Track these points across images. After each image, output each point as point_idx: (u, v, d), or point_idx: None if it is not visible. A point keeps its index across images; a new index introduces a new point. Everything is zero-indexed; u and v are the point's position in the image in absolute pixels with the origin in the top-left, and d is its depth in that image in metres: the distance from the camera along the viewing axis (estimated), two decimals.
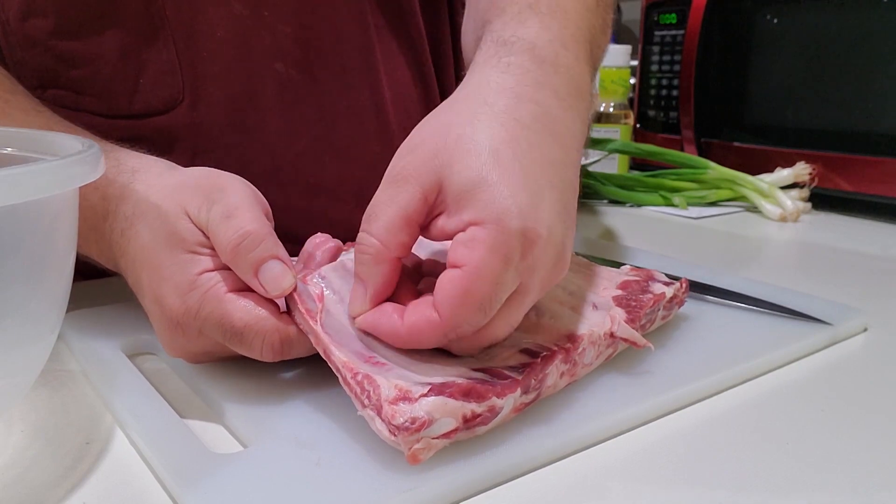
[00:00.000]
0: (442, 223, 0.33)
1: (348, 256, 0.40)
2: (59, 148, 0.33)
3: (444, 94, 0.65)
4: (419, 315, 0.32)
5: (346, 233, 0.38)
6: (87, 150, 0.29)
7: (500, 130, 0.34)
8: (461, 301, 0.31)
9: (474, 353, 0.34)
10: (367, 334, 0.35)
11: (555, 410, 0.35)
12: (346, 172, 0.59)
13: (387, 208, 0.33)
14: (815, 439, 0.34)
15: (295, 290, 0.35)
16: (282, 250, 0.35)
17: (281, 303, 0.36)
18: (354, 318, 0.35)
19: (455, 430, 0.30)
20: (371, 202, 0.34)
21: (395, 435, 0.29)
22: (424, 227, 0.34)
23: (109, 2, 0.51)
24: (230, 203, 0.36)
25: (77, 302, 0.37)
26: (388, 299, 0.35)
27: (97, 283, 0.53)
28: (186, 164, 0.40)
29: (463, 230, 0.32)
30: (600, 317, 0.39)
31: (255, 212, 0.36)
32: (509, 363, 0.34)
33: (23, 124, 0.43)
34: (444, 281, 0.31)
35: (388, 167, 0.35)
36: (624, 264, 0.49)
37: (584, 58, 0.41)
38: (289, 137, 0.57)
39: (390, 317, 0.33)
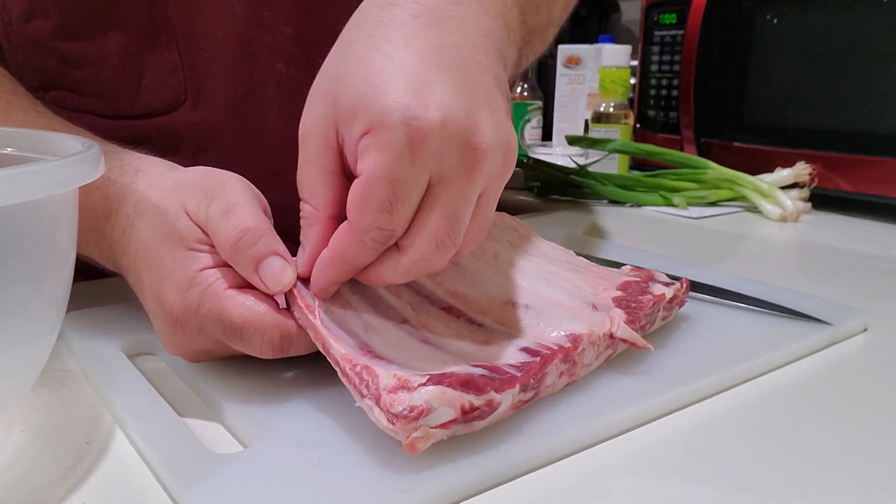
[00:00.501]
0: (349, 153, 0.33)
1: None
2: (59, 148, 0.33)
3: None
4: (339, 230, 0.33)
5: None
6: (87, 150, 0.29)
7: (371, 41, 0.33)
8: (361, 204, 0.31)
9: (427, 265, 0.33)
10: (367, 331, 0.35)
11: (554, 410, 0.35)
12: None
13: (303, 171, 0.35)
14: (815, 439, 0.34)
15: (294, 285, 0.35)
16: (281, 246, 0.36)
17: (280, 300, 0.36)
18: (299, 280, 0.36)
19: (453, 421, 0.30)
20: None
21: (392, 423, 0.29)
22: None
23: (112, 3, 0.52)
24: (229, 200, 0.36)
25: (77, 302, 0.37)
26: None
27: (97, 283, 0.53)
28: (188, 164, 0.40)
29: (358, 151, 0.32)
30: (600, 317, 0.39)
31: (253, 208, 0.36)
32: (509, 361, 0.34)
33: (23, 125, 0.43)
34: (351, 189, 0.32)
35: (299, 130, 0.36)
36: (624, 265, 0.49)
37: None
38: (290, 137, 0.57)
39: (313, 258, 0.34)
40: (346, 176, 0.34)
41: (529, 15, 0.44)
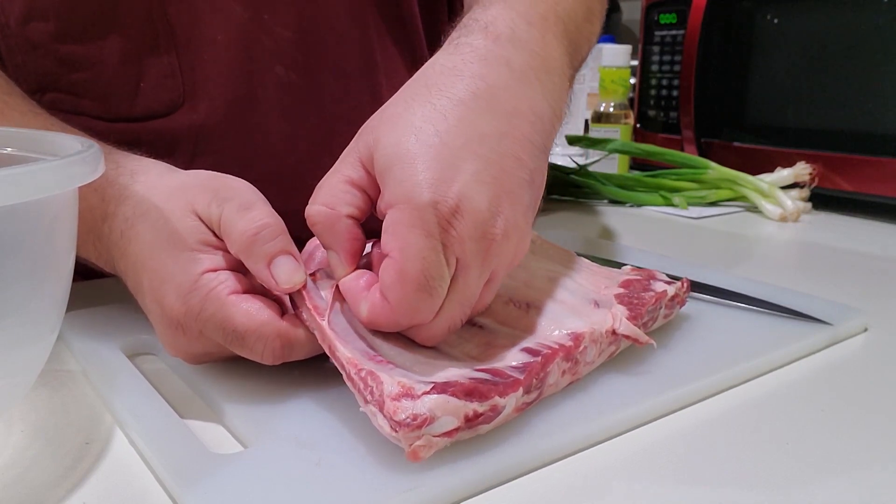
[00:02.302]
0: (377, 205, 0.35)
1: None
2: (59, 148, 0.33)
3: None
4: (375, 301, 0.33)
5: None
6: (86, 150, 0.29)
7: (429, 109, 0.35)
8: (400, 285, 0.32)
9: (440, 339, 0.35)
10: (373, 333, 0.35)
11: (555, 410, 0.35)
12: None
13: (329, 179, 0.36)
14: (815, 439, 0.34)
15: (304, 287, 0.35)
16: (294, 248, 0.36)
17: (285, 302, 0.37)
18: (339, 285, 0.36)
19: (456, 430, 0.30)
20: None
21: (396, 431, 0.29)
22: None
23: (111, 6, 0.51)
24: (246, 198, 0.36)
25: (77, 302, 0.37)
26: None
27: (97, 283, 0.53)
28: (186, 167, 0.40)
29: (385, 214, 0.33)
30: (602, 315, 0.39)
31: (270, 208, 0.36)
32: (510, 363, 0.34)
33: (20, 125, 0.43)
34: (382, 270, 0.33)
35: None
36: (625, 264, 0.49)
37: (556, 35, 0.41)
38: (289, 140, 0.57)
39: (360, 294, 0.34)
40: (366, 193, 0.36)
41: (576, 63, 0.45)
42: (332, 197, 0.35)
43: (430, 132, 0.34)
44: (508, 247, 0.34)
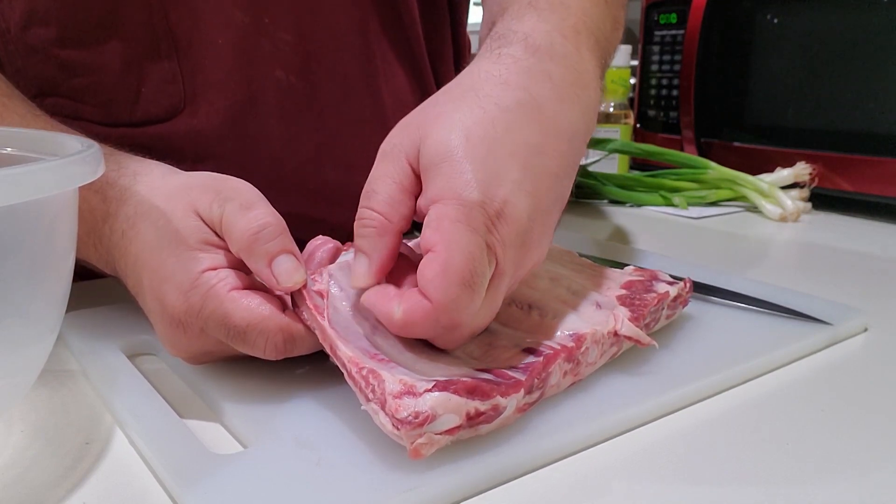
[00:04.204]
0: (418, 202, 0.35)
1: (348, 256, 0.40)
2: (59, 148, 0.33)
3: None
4: (412, 301, 0.32)
5: (347, 237, 0.38)
6: (87, 150, 0.29)
7: (479, 112, 0.35)
8: (444, 280, 0.31)
9: (460, 344, 0.35)
10: (374, 333, 0.35)
11: (556, 410, 0.35)
12: (347, 179, 0.59)
13: (383, 182, 0.35)
14: (815, 439, 0.34)
15: (304, 286, 0.35)
16: (295, 247, 0.36)
17: (285, 299, 0.37)
18: (359, 291, 0.35)
19: (458, 428, 0.30)
20: (367, 180, 0.36)
21: (397, 429, 0.29)
22: None
23: (112, 11, 0.51)
24: (248, 198, 0.36)
25: (77, 302, 0.37)
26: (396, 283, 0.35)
27: (97, 283, 0.53)
28: (187, 171, 0.40)
29: (429, 208, 0.33)
30: (604, 316, 0.39)
31: (271, 208, 0.36)
32: (512, 363, 0.34)
33: (19, 127, 0.43)
34: (423, 265, 0.32)
35: (381, 145, 0.36)
36: (627, 265, 0.49)
37: (588, 48, 0.41)
38: (289, 144, 0.57)
39: (390, 301, 0.33)
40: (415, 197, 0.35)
41: (605, 71, 0.45)
42: (389, 206, 0.34)
43: (480, 135, 0.34)
44: (532, 259, 0.35)
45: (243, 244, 0.35)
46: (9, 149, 0.34)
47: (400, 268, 0.35)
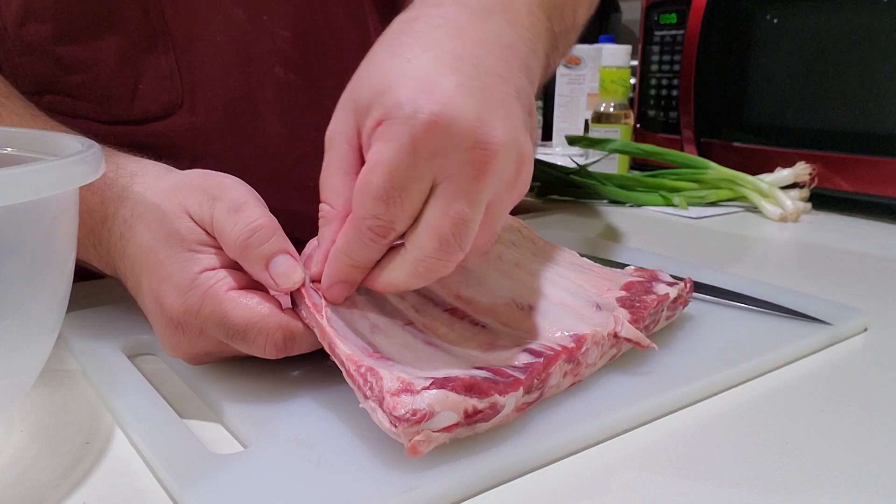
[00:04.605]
0: (365, 148, 0.34)
1: None
2: (59, 148, 0.33)
3: None
4: (343, 226, 0.34)
5: None
6: (87, 149, 0.29)
7: (391, 48, 0.34)
8: (361, 191, 0.32)
9: (435, 264, 0.33)
10: (373, 332, 0.35)
11: (556, 410, 0.35)
12: None
13: (325, 172, 0.36)
14: (815, 439, 0.34)
15: (303, 285, 0.35)
16: (290, 246, 0.36)
17: (284, 299, 0.36)
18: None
19: (456, 425, 0.30)
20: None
21: (395, 426, 0.29)
22: None
23: (108, 8, 0.51)
24: (236, 199, 0.36)
25: (77, 302, 0.37)
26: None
27: (97, 283, 0.53)
28: (186, 169, 0.40)
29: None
30: (604, 317, 0.39)
31: (262, 207, 0.36)
32: (512, 362, 0.34)
33: (18, 128, 0.43)
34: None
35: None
36: (627, 265, 0.49)
37: None
38: (288, 141, 0.57)
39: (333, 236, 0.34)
40: None
41: (556, 21, 0.44)
42: (333, 194, 0.35)
43: (399, 61, 0.33)
44: (509, 160, 0.32)
45: (236, 250, 0.35)
46: (9, 149, 0.34)
47: None
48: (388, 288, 0.35)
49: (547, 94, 1.47)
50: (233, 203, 0.35)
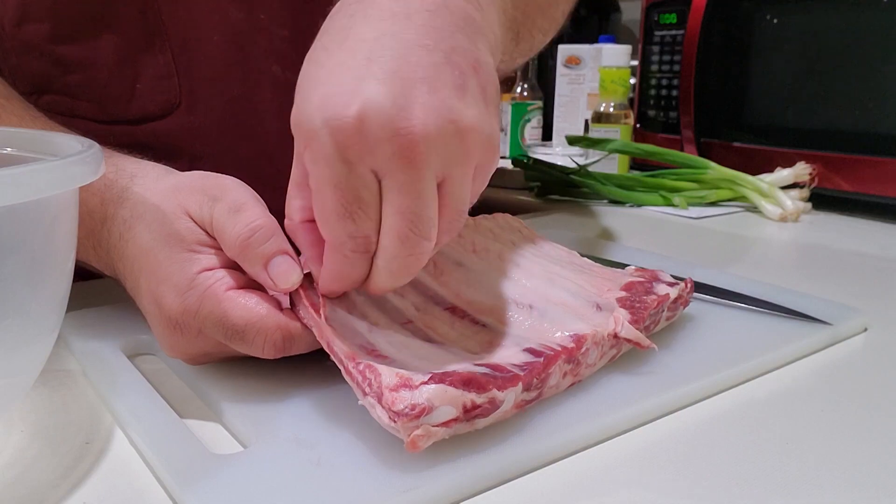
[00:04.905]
0: None
1: None
2: (58, 148, 0.33)
3: None
4: (318, 254, 0.33)
5: None
6: (87, 150, 0.29)
7: (312, 53, 0.33)
8: (321, 215, 0.32)
9: (409, 264, 0.32)
10: (371, 330, 0.35)
11: (556, 410, 0.35)
12: None
13: (289, 187, 0.35)
14: (815, 439, 0.34)
15: (301, 285, 0.35)
16: (289, 246, 0.36)
17: (283, 299, 0.37)
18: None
19: (455, 420, 0.30)
20: None
21: (394, 421, 0.29)
22: None
23: (105, 7, 0.51)
24: (236, 199, 0.36)
25: (77, 302, 0.37)
26: None
27: (97, 283, 0.53)
28: (185, 169, 0.40)
29: None
30: (604, 318, 0.39)
31: (262, 207, 0.36)
32: (512, 361, 0.34)
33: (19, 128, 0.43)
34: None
35: None
36: (628, 265, 0.49)
37: None
38: (286, 140, 0.57)
39: (317, 252, 0.34)
40: None
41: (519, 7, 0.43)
42: (288, 206, 0.35)
43: (312, 68, 0.32)
44: (443, 136, 0.30)
45: (236, 250, 0.35)
46: (9, 149, 0.34)
47: None
48: (378, 291, 0.35)
49: (547, 94, 1.47)
50: (233, 203, 0.35)
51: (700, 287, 0.50)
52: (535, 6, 0.46)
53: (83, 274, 0.48)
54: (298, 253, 0.36)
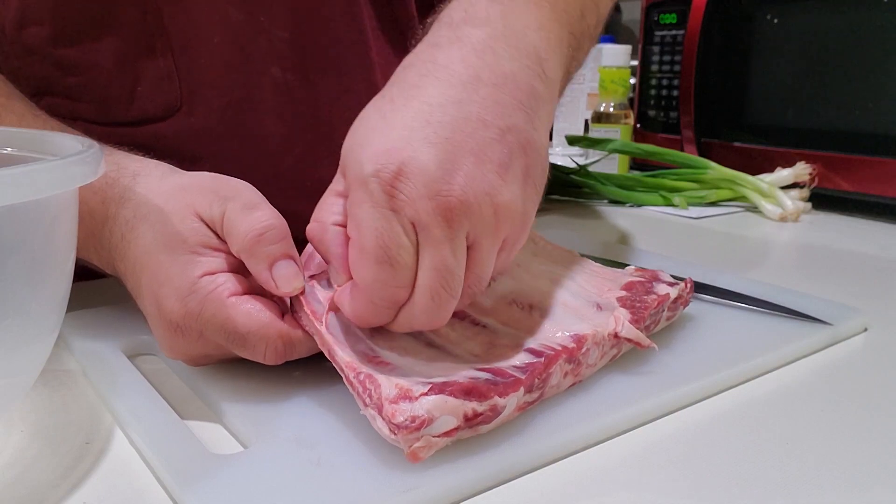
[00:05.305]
0: None
1: None
2: (59, 148, 0.33)
3: None
4: (350, 291, 0.34)
5: None
6: (87, 150, 0.29)
7: (379, 100, 0.35)
8: (359, 262, 0.32)
9: (434, 319, 0.33)
10: (373, 336, 0.35)
11: (556, 410, 0.35)
12: None
13: (321, 199, 0.37)
14: (815, 439, 0.34)
15: (302, 292, 0.35)
16: (296, 253, 0.36)
17: (282, 302, 0.37)
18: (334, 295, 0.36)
19: (456, 429, 0.30)
20: None
21: (395, 434, 0.29)
22: None
23: (106, 10, 0.51)
24: (250, 198, 0.36)
25: (77, 302, 0.37)
26: None
27: (97, 283, 0.53)
28: (185, 170, 0.40)
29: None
30: (604, 317, 0.39)
31: (275, 210, 0.36)
32: (513, 363, 0.34)
33: (19, 127, 0.43)
34: (349, 254, 0.33)
35: None
36: (628, 265, 0.49)
37: (529, 4, 0.39)
38: (287, 142, 0.57)
39: (343, 298, 0.34)
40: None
41: (575, 24, 0.43)
42: (320, 210, 0.36)
43: (376, 117, 0.34)
44: (480, 206, 0.32)
45: (246, 244, 0.35)
46: (9, 149, 0.34)
47: None
48: (396, 330, 0.35)
49: None
50: (248, 202, 0.36)
51: (700, 287, 0.50)
52: (587, 37, 0.46)
53: (83, 274, 0.48)
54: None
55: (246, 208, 0.35)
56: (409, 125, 0.33)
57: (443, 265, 0.32)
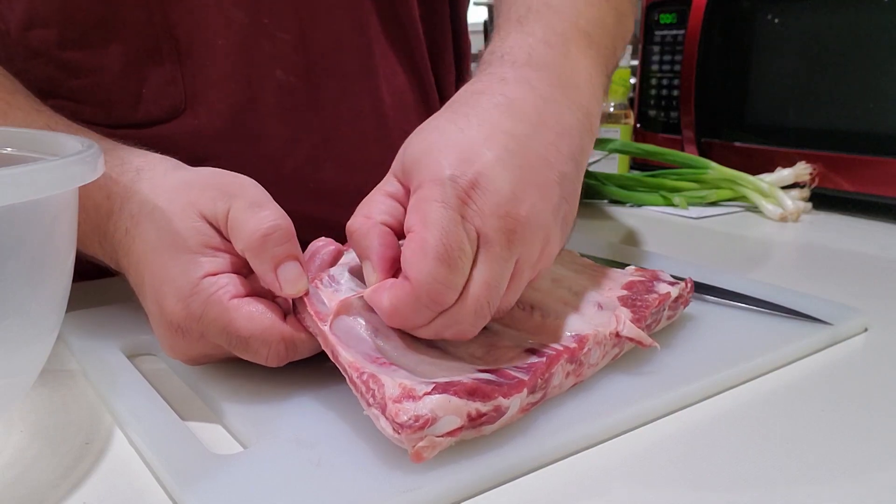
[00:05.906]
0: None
1: (350, 256, 0.40)
2: (59, 148, 0.33)
3: (444, 99, 0.65)
4: (396, 286, 0.33)
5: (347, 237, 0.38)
6: (86, 149, 0.29)
7: (451, 115, 0.37)
8: (420, 257, 0.32)
9: (469, 329, 0.34)
10: (376, 336, 0.35)
11: (557, 410, 0.35)
12: (347, 178, 0.59)
13: (370, 195, 0.37)
14: (815, 439, 0.34)
15: (306, 293, 0.35)
16: (301, 255, 0.36)
17: (287, 305, 0.37)
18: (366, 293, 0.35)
19: (459, 429, 0.30)
20: None
21: (398, 433, 0.29)
22: None
23: (112, 13, 0.51)
24: (256, 197, 0.36)
25: (77, 302, 0.37)
26: None
27: (97, 283, 0.53)
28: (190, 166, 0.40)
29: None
30: (606, 317, 0.39)
31: (280, 209, 0.36)
32: (515, 363, 0.34)
33: (23, 124, 0.43)
34: (404, 247, 0.33)
35: None
36: (627, 265, 0.49)
37: (580, 50, 0.42)
38: (290, 144, 0.57)
39: (382, 292, 0.34)
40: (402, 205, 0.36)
41: (610, 64, 0.46)
42: (368, 207, 0.36)
43: (453, 129, 0.35)
44: (535, 237, 0.34)
45: (251, 244, 0.35)
46: (9, 149, 0.34)
47: None
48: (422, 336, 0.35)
49: None
50: (254, 200, 0.36)
51: (700, 287, 0.50)
52: (622, 43, 0.49)
53: (83, 274, 0.48)
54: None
55: (252, 207, 0.35)
56: (487, 145, 0.34)
57: (494, 281, 0.33)
